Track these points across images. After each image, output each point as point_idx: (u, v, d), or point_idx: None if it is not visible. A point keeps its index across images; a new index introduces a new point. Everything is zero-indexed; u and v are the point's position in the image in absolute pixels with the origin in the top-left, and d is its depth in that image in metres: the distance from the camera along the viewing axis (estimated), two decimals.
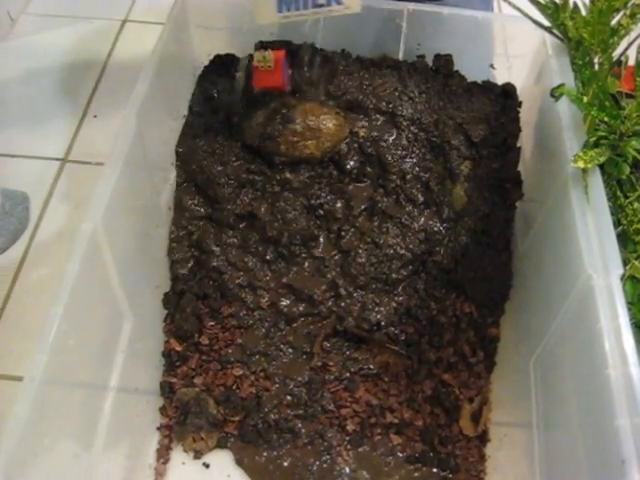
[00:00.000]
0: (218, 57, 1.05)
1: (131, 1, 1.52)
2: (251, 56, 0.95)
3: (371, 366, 0.94)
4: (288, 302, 0.95)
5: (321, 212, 0.96)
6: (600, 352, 0.63)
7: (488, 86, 1.01)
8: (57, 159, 1.21)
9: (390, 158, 0.95)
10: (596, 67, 0.86)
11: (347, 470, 0.89)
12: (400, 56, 1.02)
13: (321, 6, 0.81)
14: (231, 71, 1.01)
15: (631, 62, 0.85)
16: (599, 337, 0.64)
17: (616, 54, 0.87)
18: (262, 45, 0.95)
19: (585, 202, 0.74)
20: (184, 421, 0.90)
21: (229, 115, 0.99)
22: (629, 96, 0.85)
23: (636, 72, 0.82)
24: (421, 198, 0.95)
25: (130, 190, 0.82)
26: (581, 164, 0.74)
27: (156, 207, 0.94)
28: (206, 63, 1.05)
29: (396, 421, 0.91)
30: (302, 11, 0.81)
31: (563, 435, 0.74)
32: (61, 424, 0.70)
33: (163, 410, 0.92)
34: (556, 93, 0.84)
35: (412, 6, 0.98)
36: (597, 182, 0.75)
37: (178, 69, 1.00)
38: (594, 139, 0.78)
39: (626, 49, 0.87)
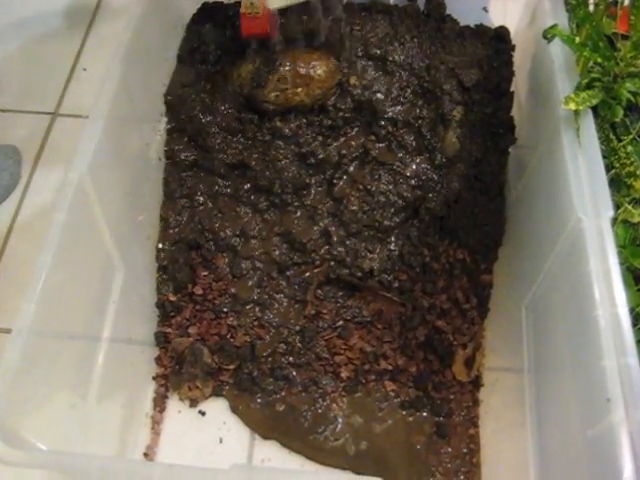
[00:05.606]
0: (206, 5, 1.03)
1: None
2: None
3: (364, 313, 0.94)
4: (281, 251, 0.95)
5: (312, 160, 0.95)
6: (589, 294, 0.63)
7: (481, 30, 0.99)
8: (47, 113, 1.20)
9: (381, 104, 0.93)
10: (591, 8, 0.84)
11: (341, 415, 0.90)
12: (391, 0, 1.00)
13: None
14: (219, 19, 0.99)
15: (627, 3, 0.83)
16: (588, 279, 0.63)
17: None
18: None
19: (576, 145, 0.73)
20: (179, 370, 0.91)
21: (218, 64, 0.97)
22: (625, 37, 0.83)
23: (630, 11, 0.80)
24: (413, 144, 0.94)
25: (118, 140, 0.81)
26: (572, 106, 0.73)
27: (146, 158, 0.93)
28: (194, 11, 1.03)
29: (390, 367, 0.92)
30: None
31: (553, 378, 0.74)
32: (55, 374, 0.71)
33: (158, 360, 0.93)
34: (548, 34, 0.82)
35: None
36: (589, 125, 0.74)
37: (165, 18, 0.98)
38: (587, 81, 0.77)
39: None
